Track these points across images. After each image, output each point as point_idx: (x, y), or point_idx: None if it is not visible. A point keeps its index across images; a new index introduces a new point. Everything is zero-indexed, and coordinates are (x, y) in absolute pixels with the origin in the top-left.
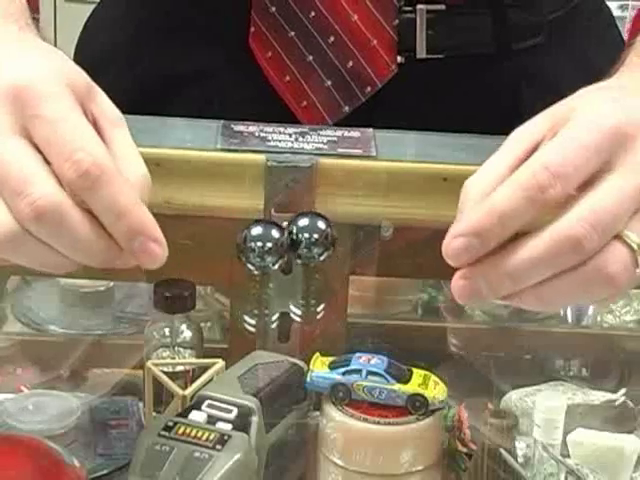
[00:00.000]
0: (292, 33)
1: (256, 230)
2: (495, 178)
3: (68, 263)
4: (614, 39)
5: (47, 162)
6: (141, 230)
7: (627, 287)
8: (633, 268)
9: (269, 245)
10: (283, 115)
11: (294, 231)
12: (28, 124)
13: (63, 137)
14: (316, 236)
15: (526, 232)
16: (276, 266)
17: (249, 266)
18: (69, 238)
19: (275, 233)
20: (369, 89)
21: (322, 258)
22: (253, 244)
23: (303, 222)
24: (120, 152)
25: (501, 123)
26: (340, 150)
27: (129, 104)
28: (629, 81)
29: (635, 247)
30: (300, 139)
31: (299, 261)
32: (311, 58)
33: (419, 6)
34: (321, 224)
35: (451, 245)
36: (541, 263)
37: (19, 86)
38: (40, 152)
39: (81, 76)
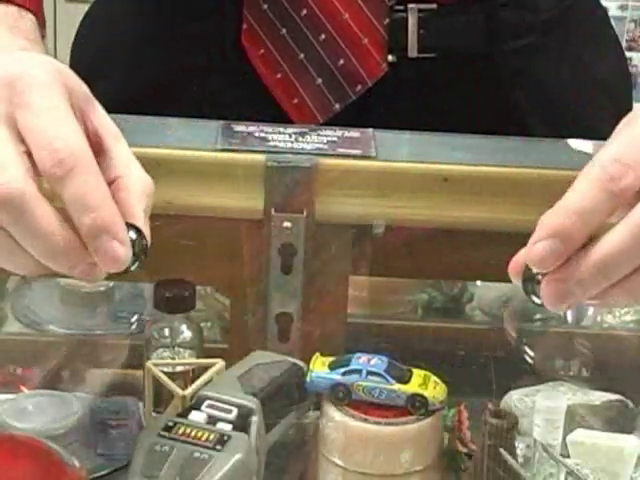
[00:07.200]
0: (284, 30)
1: None
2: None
3: (33, 263)
4: (608, 39)
5: (30, 155)
6: (106, 228)
7: None
8: None
9: None
10: (275, 114)
11: None
12: (15, 112)
13: (45, 126)
14: None
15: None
16: None
17: None
18: (29, 229)
19: None
20: (359, 87)
21: None
22: None
23: None
24: (123, 160)
25: (493, 122)
26: (340, 150)
27: (124, 104)
28: None
29: None
30: (300, 139)
31: None
32: (302, 56)
33: (410, 5)
34: None
35: (533, 251)
36: (630, 252)
37: (11, 75)
38: (24, 142)
39: (81, 85)
